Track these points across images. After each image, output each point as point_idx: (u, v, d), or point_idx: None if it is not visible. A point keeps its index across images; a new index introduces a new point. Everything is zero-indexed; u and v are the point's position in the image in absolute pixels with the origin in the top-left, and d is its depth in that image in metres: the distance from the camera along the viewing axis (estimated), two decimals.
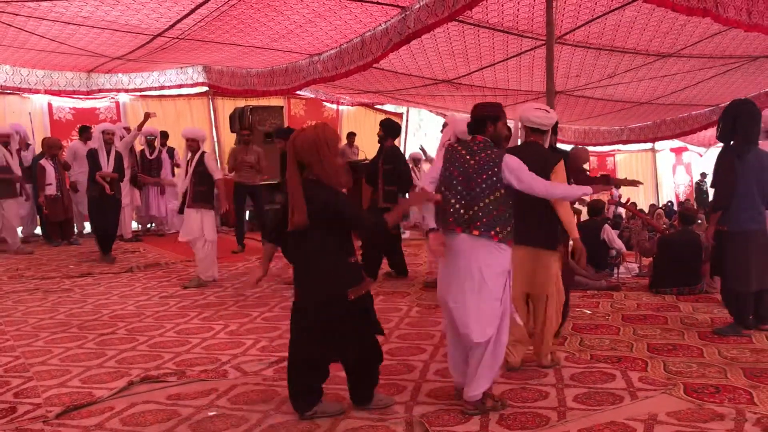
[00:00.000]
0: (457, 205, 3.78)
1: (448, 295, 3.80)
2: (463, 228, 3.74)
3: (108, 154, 9.03)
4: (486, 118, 3.88)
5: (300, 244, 3.62)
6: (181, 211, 7.50)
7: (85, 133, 11.39)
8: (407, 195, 7.63)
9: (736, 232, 5.14)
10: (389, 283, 7.64)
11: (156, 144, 11.54)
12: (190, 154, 7.56)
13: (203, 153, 7.54)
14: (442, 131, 6.92)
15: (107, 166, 8.99)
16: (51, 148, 10.53)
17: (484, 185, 3.74)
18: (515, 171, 3.77)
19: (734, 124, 5.15)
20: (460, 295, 3.74)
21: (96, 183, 8.96)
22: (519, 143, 4.56)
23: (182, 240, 7.69)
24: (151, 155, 11.45)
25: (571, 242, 4.40)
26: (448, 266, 3.82)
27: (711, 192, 20.10)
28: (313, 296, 3.63)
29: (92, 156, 9.01)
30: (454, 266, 3.77)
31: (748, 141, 5.15)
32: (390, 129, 7.89)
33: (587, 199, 7.15)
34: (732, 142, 5.20)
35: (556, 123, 4.63)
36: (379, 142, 7.87)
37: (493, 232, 3.70)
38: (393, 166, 7.63)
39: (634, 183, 6.57)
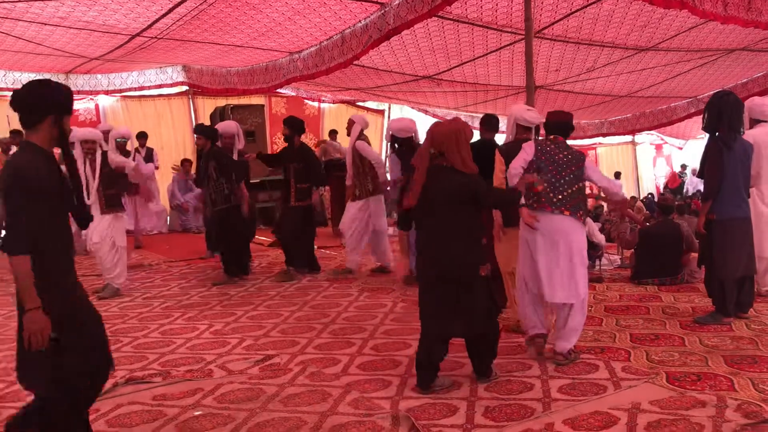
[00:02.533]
0: (548, 189, 4.44)
1: (539, 262, 4.45)
2: (554, 209, 4.44)
3: None
4: (568, 125, 4.76)
5: (435, 224, 4.04)
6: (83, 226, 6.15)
7: (16, 137, 10.96)
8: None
9: (724, 220, 5.24)
10: (374, 279, 7.65)
11: (130, 147, 9.62)
12: (88, 159, 6.95)
13: (104, 153, 7.09)
14: (349, 128, 7.83)
15: None
16: None
17: (571, 176, 4.49)
18: (594, 171, 4.71)
19: (720, 114, 5.24)
20: (554, 263, 4.42)
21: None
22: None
23: (93, 247, 7.10)
24: None
25: None
26: (540, 238, 4.45)
27: (693, 182, 20.14)
28: (448, 273, 3.98)
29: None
30: (548, 238, 4.44)
31: (733, 130, 5.26)
32: (296, 127, 7.91)
33: None
34: (717, 133, 5.29)
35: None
36: (286, 141, 7.97)
37: (579, 213, 4.50)
38: (304, 164, 7.78)
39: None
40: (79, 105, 13.19)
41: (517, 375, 4.22)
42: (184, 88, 13.38)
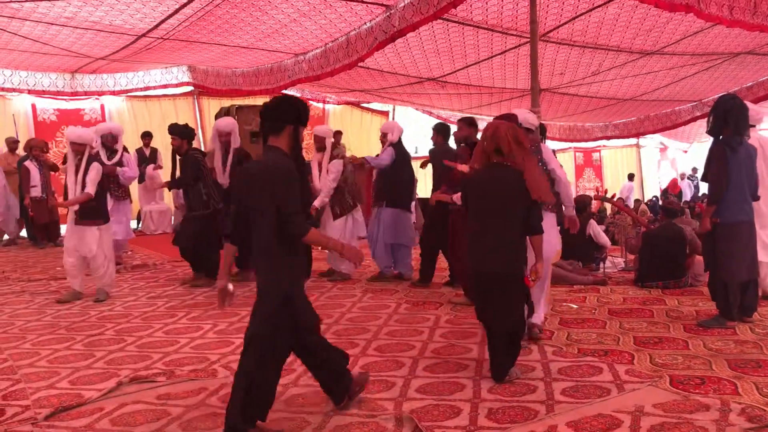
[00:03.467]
0: None
1: None
2: None
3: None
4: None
5: (487, 220, 4.20)
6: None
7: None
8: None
9: (729, 224, 5.24)
10: (379, 281, 7.65)
11: (118, 146, 8.53)
12: (76, 160, 6.65)
13: (89, 159, 6.70)
14: (320, 143, 7.75)
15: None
16: (33, 149, 10.45)
17: None
18: (549, 155, 5.13)
19: (725, 118, 5.25)
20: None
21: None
22: None
23: (74, 256, 6.82)
24: (109, 159, 8.36)
25: None
26: None
27: (692, 186, 20.10)
28: (500, 269, 4.17)
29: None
30: None
31: (738, 134, 5.26)
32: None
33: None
34: (721, 137, 5.29)
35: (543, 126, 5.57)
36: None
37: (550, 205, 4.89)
38: None
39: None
40: (85, 104, 13.26)
41: (521, 377, 4.22)
42: (190, 88, 13.42)
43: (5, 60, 11.32)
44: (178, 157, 7.99)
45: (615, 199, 9.87)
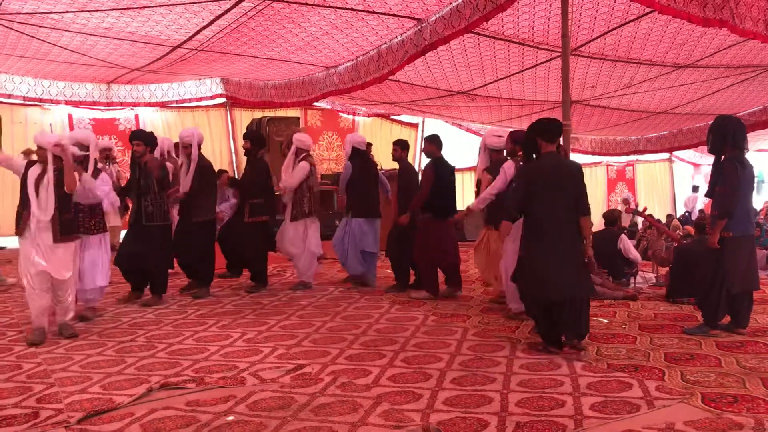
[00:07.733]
0: None
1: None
2: None
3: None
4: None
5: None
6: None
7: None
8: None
9: (738, 237, 5.39)
10: (407, 292, 7.67)
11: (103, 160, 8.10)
12: (39, 170, 5.61)
13: (60, 170, 5.59)
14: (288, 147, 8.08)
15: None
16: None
17: None
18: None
19: (724, 136, 5.43)
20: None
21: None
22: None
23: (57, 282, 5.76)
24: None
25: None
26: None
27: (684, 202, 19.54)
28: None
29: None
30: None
31: (737, 149, 5.43)
32: (259, 141, 8.11)
33: None
34: (723, 155, 5.47)
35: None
36: (246, 155, 8.04)
37: None
38: (253, 179, 7.86)
39: None
40: (120, 114, 13.51)
41: (549, 391, 4.19)
42: (223, 99, 13.59)
43: (44, 71, 11.60)
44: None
45: (646, 213, 9.74)
